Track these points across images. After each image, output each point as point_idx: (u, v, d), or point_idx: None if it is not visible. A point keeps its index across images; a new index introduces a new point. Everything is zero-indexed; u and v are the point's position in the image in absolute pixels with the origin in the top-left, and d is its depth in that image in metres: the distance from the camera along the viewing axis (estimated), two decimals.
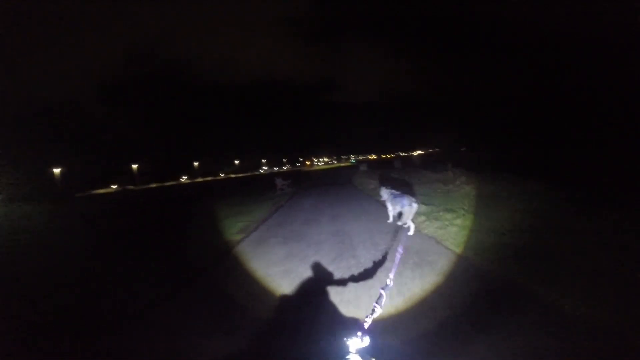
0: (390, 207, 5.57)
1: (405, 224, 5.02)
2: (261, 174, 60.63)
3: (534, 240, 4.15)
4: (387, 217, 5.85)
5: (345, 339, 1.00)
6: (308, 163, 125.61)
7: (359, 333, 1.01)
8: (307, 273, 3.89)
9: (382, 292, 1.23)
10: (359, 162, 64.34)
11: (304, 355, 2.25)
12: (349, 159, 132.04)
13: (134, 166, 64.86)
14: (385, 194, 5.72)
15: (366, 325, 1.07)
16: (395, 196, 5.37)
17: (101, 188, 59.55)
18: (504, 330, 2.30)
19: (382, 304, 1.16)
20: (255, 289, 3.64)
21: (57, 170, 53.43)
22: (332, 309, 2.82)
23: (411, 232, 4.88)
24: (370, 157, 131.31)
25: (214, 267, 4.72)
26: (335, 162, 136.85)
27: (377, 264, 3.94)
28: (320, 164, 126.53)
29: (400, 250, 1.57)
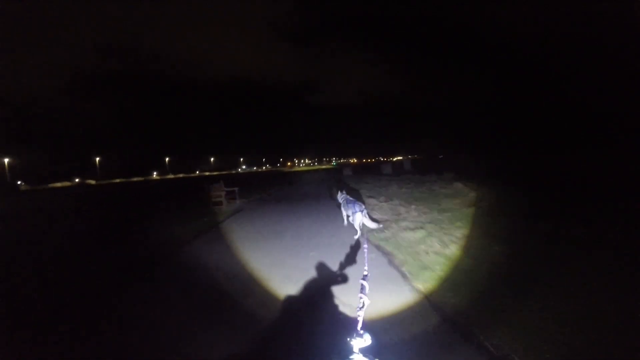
0: (343, 211, 5.75)
1: (357, 231, 5.15)
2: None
3: None
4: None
5: (348, 338, 0.91)
6: (289, 164, 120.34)
7: (362, 332, 0.93)
8: None
9: (363, 282, 1.15)
10: (340, 165, 59.46)
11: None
12: (330, 161, 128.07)
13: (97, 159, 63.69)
14: (340, 198, 5.93)
15: (360, 319, 1.02)
16: (348, 202, 5.62)
17: (58, 182, 54.14)
18: None
19: (367, 293, 1.10)
20: None
21: (5, 161, 44.79)
22: None
23: (356, 236, 5.03)
24: (351, 160, 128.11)
25: None
26: (316, 164, 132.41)
27: None
28: (301, 165, 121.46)
29: (365, 246, 1.68)
